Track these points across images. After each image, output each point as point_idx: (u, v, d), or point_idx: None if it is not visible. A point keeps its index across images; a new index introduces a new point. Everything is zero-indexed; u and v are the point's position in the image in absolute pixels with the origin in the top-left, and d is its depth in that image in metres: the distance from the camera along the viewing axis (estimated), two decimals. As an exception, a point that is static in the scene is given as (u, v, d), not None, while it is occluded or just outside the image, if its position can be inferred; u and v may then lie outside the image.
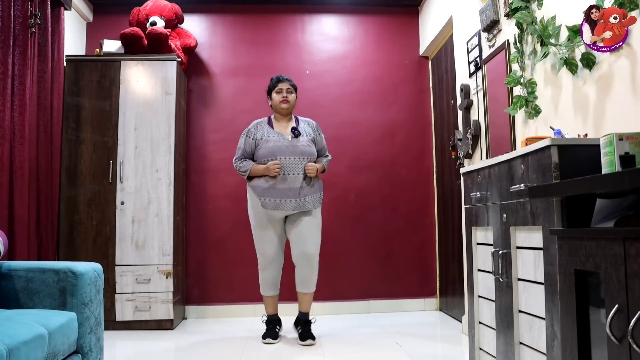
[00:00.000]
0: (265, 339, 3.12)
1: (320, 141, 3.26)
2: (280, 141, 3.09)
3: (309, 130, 3.21)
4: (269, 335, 3.14)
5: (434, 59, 4.24)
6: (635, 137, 1.31)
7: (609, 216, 1.33)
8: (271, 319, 3.23)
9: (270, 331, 3.17)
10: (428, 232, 4.20)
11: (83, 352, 1.95)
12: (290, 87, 3.22)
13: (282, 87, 3.19)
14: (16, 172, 2.90)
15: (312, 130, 3.22)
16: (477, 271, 2.24)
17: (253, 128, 3.20)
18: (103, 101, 3.61)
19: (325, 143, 3.31)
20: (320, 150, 3.26)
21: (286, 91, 3.19)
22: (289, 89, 3.20)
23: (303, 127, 3.21)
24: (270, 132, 3.14)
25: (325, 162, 3.27)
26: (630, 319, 1.06)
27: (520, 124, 2.55)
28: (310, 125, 3.25)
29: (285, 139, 3.11)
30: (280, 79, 3.23)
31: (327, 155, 3.31)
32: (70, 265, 2.00)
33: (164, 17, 3.88)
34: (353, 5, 4.31)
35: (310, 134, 3.20)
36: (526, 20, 2.36)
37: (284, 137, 3.12)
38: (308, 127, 3.23)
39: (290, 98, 3.19)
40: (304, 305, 3.19)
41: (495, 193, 2.00)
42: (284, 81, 3.21)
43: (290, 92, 3.21)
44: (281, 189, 3.04)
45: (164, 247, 3.53)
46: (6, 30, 2.82)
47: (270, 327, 3.20)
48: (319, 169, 3.16)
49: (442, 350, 2.93)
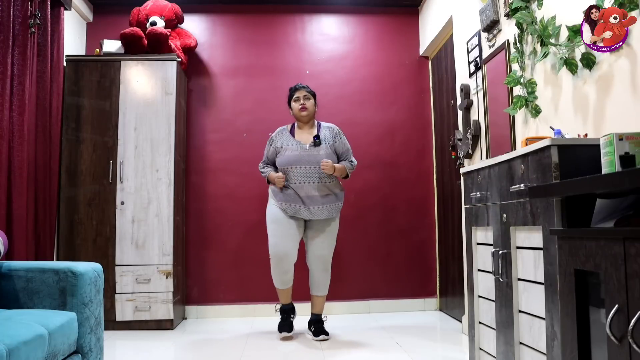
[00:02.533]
0: (280, 333, 3.19)
1: (341, 146, 3.23)
2: (297, 150, 3.13)
3: (329, 137, 3.20)
4: (284, 329, 3.19)
5: (434, 59, 4.24)
6: (635, 137, 1.31)
7: (609, 216, 1.33)
8: (285, 307, 3.28)
9: (285, 322, 3.23)
10: (428, 232, 4.20)
11: (83, 352, 1.95)
12: (307, 93, 3.24)
13: (299, 95, 3.23)
14: (15, 172, 2.90)
15: (332, 136, 3.21)
16: (477, 271, 2.24)
17: (275, 136, 3.25)
18: (103, 101, 3.61)
19: (349, 147, 3.27)
20: (342, 154, 3.24)
21: (303, 98, 3.22)
22: (306, 96, 3.23)
23: (324, 134, 3.21)
24: (290, 141, 3.18)
25: (348, 165, 3.21)
26: (630, 319, 1.06)
27: (520, 124, 2.55)
28: (332, 131, 3.24)
29: (303, 148, 3.13)
30: (297, 87, 3.27)
31: (351, 161, 3.26)
32: (70, 265, 2.00)
33: (164, 17, 3.88)
34: (353, 5, 4.31)
35: (330, 140, 3.19)
36: (526, 20, 2.36)
37: (302, 145, 3.14)
38: (329, 133, 3.22)
39: (308, 104, 3.21)
40: (317, 308, 3.27)
41: (495, 193, 2.00)
42: (301, 89, 3.25)
43: (308, 98, 3.23)
44: (299, 198, 3.10)
45: (164, 247, 3.53)
46: (5, 30, 2.82)
47: (284, 316, 3.26)
48: (337, 168, 3.11)
49: (442, 350, 2.93)
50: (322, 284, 3.22)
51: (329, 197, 3.14)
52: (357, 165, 3.38)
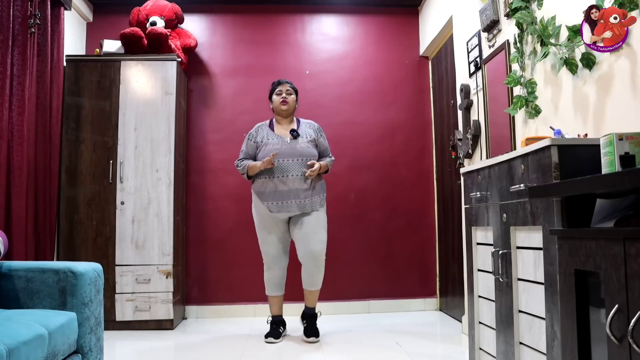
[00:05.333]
0: (267, 338, 3.13)
1: (323, 143, 3.27)
2: (278, 143, 3.12)
3: (310, 132, 3.22)
4: (272, 335, 3.15)
5: (434, 59, 4.24)
6: (635, 137, 1.31)
7: (609, 216, 1.33)
8: (276, 319, 3.25)
9: (274, 331, 3.19)
10: (428, 232, 4.20)
11: (83, 352, 1.95)
12: (290, 88, 3.25)
13: (281, 89, 3.24)
14: (14, 172, 2.90)
15: (313, 132, 3.23)
16: (477, 271, 2.24)
17: (254, 131, 3.24)
18: (103, 101, 3.61)
19: (327, 145, 3.32)
20: (323, 152, 3.28)
21: (285, 92, 3.22)
22: (289, 91, 3.24)
23: (304, 129, 3.22)
24: (270, 135, 3.18)
25: (329, 162, 3.26)
26: (630, 319, 1.06)
27: (520, 124, 2.55)
28: (312, 127, 3.26)
29: (284, 142, 3.13)
30: (281, 82, 3.28)
31: (330, 156, 3.31)
32: (70, 265, 2.00)
33: (164, 17, 3.88)
34: (353, 5, 4.31)
35: (310, 135, 3.20)
36: (526, 20, 2.36)
37: (283, 139, 3.14)
38: (309, 128, 3.24)
39: (290, 99, 3.21)
40: (310, 301, 3.23)
41: (495, 193, 2.00)
42: (284, 83, 3.26)
43: (290, 93, 3.24)
44: (283, 192, 3.07)
45: (164, 247, 3.53)
46: (5, 30, 2.82)
47: (274, 327, 3.22)
48: (323, 167, 3.16)
49: (442, 350, 2.93)
50: (316, 279, 3.14)
51: (312, 190, 3.11)
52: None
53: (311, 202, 3.11)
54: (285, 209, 3.08)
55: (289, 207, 3.07)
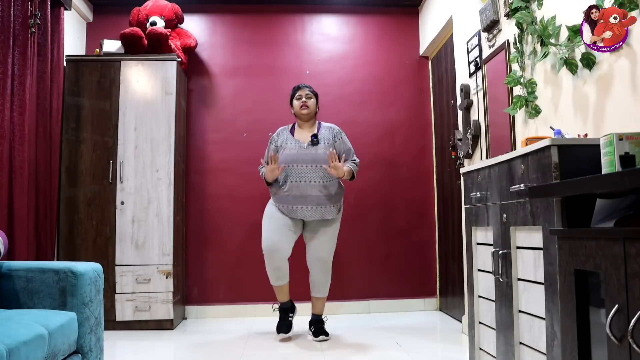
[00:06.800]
0: (278, 334, 3.18)
1: (342, 145, 3.21)
2: (295, 148, 3.13)
3: (328, 136, 3.19)
4: (282, 329, 3.18)
5: (434, 59, 4.24)
6: (635, 137, 1.31)
7: (609, 216, 1.33)
8: (283, 306, 3.26)
9: (283, 322, 3.22)
10: (428, 232, 4.20)
11: (83, 352, 1.96)
12: (310, 92, 3.27)
13: (301, 93, 3.26)
14: (15, 172, 2.90)
15: (331, 136, 3.20)
16: (477, 271, 2.24)
17: (276, 135, 3.28)
18: (103, 101, 3.61)
19: (350, 147, 3.25)
20: (344, 154, 3.18)
21: (305, 97, 3.24)
22: (308, 95, 3.25)
23: (323, 133, 3.20)
24: (289, 139, 3.19)
25: (352, 166, 3.17)
26: (630, 319, 1.06)
27: (520, 124, 2.55)
28: (332, 130, 3.23)
29: (301, 146, 3.14)
30: (300, 86, 3.30)
31: (354, 160, 3.23)
32: (70, 265, 2.00)
33: (164, 17, 3.88)
34: (353, 5, 4.31)
35: (329, 140, 3.18)
36: (526, 20, 2.36)
37: (300, 144, 3.15)
38: (328, 132, 3.21)
39: (310, 103, 3.22)
40: (317, 309, 3.27)
41: (495, 193, 2.00)
42: (303, 88, 3.28)
43: (310, 97, 3.25)
44: (295, 196, 3.09)
45: (164, 247, 3.53)
46: (6, 30, 2.82)
47: (283, 315, 3.25)
48: (345, 171, 3.07)
49: (442, 350, 2.93)
50: (322, 285, 3.22)
51: (326, 198, 3.10)
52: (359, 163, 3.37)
53: (325, 210, 3.11)
54: (295, 213, 3.11)
55: (300, 212, 3.10)
